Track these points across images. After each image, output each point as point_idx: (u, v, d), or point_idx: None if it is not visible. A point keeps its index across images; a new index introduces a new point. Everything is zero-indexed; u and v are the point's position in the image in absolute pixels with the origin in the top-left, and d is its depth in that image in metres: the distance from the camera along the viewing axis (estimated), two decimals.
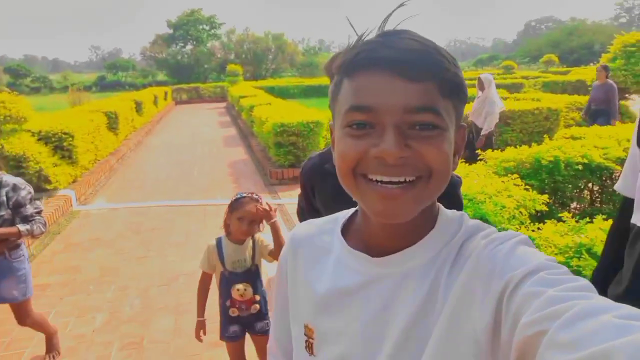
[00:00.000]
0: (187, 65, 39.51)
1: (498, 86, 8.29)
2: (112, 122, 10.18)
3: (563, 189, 4.07)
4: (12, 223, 2.70)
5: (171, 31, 42.63)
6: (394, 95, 0.58)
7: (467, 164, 4.03)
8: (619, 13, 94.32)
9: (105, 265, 4.65)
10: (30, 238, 2.74)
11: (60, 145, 7.04)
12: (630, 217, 1.30)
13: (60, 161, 7.02)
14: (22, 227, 2.66)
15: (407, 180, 0.60)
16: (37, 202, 2.78)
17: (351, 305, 0.70)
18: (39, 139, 6.87)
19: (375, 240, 0.70)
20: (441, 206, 0.72)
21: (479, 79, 7.14)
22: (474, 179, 3.46)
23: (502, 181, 3.45)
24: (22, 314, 2.88)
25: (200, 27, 43.16)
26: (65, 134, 7.07)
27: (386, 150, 0.58)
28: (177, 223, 5.87)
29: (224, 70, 29.78)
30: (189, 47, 42.35)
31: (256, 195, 2.44)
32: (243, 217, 2.35)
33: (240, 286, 2.40)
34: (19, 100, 6.73)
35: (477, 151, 4.63)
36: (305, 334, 0.76)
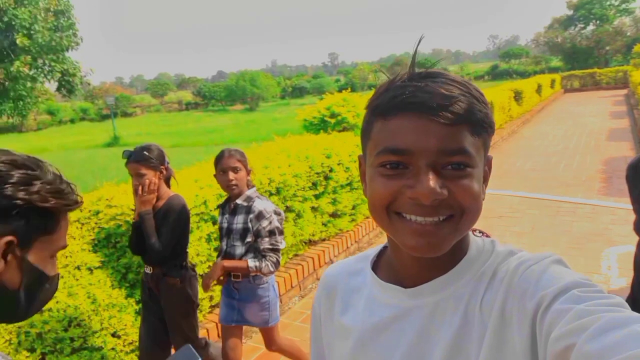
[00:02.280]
0: (585, 49, 35.94)
1: None
2: None
3: None
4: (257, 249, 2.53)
5: (570, 12, 39.56)
6: (429, 138, 0.60)
7: None
8: None
9: None
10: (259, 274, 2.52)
11: None
12: None
13: None
14: (252, 263, 2.45)
15: (441, 219, 0.61)
16: (278, 238, 2.51)
17: (386, 340, 0.69)
18: None
19: (407, 272, 0.70)
20: (472, 235, 0.71)
21: None
22: None
23: None
24: (268, 339, 2.72)
25: (607, 3, 38.19)
26: None
27: (422, 193, 0.59)
28: (525, 214, 5.86)
29: (630, 52, 25.66)
30: (589, 28, 38.35)
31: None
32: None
33: None
34: None
35: None
36: None
